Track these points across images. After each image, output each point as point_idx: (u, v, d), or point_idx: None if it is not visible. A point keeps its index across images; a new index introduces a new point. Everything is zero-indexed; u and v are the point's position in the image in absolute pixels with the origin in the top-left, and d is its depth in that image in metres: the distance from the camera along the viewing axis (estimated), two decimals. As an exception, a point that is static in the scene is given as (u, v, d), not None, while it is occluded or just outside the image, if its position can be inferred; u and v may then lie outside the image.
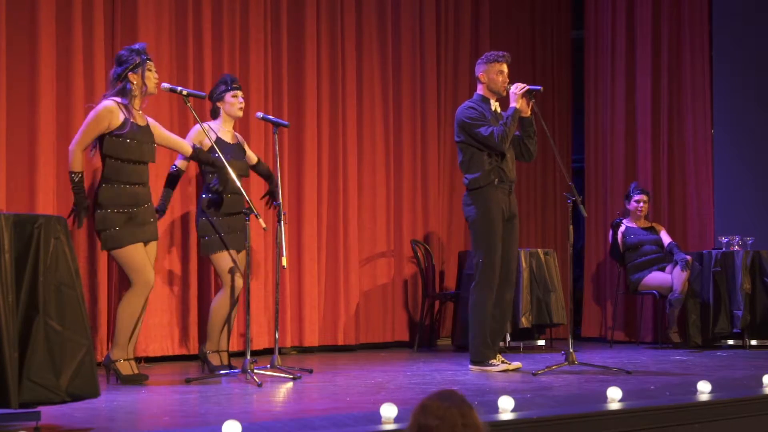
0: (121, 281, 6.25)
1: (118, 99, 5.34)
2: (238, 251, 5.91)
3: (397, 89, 8.20)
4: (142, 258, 5.32)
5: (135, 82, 5.37)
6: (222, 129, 6.00)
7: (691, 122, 8.72)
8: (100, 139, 5.33)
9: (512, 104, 6.02)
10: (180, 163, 5.94)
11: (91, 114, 5.31)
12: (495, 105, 6.16)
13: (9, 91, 5.99)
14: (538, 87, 6.04)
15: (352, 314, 7.76)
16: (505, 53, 6.18)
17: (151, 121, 5.58)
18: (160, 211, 5.81)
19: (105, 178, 5.33)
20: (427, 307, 8.04)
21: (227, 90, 5.98)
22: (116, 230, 5.28)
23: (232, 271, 5.85)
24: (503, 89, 6.12)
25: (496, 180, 6.02)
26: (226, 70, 6.95)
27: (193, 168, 6.52)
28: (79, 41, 6.27)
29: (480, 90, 6.18)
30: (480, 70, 6.16)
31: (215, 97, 6.02)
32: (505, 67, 6.13)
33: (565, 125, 9.58)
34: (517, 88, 6.01)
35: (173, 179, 5.97)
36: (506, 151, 6.06)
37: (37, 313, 3.49)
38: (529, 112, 6.07)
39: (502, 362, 5.99)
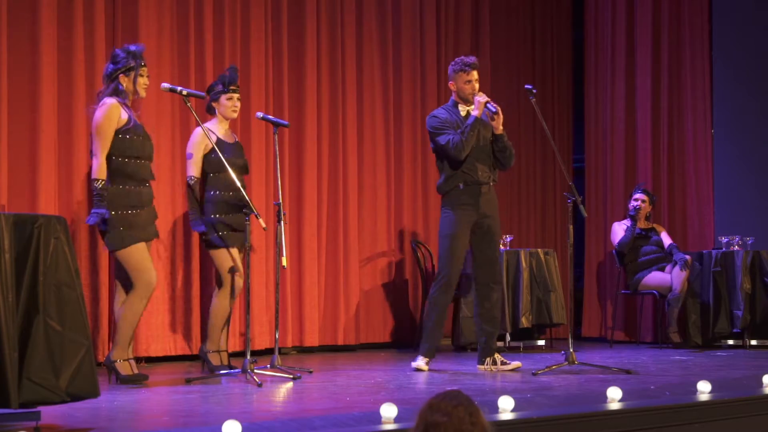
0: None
1: (117, 98, 5.35)
2: (240, 250, 5.91)
3: (397, 89, 8.20)
4: (144, 258, 5.32)
5: (125, 85, 5.37)
6: (220, 128, 6.00)
7: (691, 122, 8.72)
8: None
9: (474, 112, 6.03)
10: (196, 171, 5.90)
11: (99, 116, 5.29)
12: (465, 110, 6.15)
13: (10, 90, 5.99)
14: (495, 109, 5.99)
15: (352, 314, 7.77)
16: (473, 61, 6.17)
17: None
18: (199, 226, 5.82)
19: (111, 178, 5.32)
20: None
21: (223, 92, 5.98)
22: (121, 230, 5.27)
23: (231, 270, 5.85)
24: (472, 97, 6.12)
25: (461, 184, 6.04)
26: (227, 70, 6.95)
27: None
28: (80, 41, 6.27)
29: (453, 95, 6.22)
30: (450, 79, 6.20)
31: (212, 96, 6.02)
32: (472, 75, 6.12)
33: (565, 125, 9.58)
34: (481, 96, 6.04)
35: (195, 190, 5.91)
36: (476, 154, 6.05)
37: (37, 313, 3.49)
38: (501, 129, 6.06)
39: (502, 362, 6.00)
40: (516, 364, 6.02)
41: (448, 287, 6.03)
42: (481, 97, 6.03)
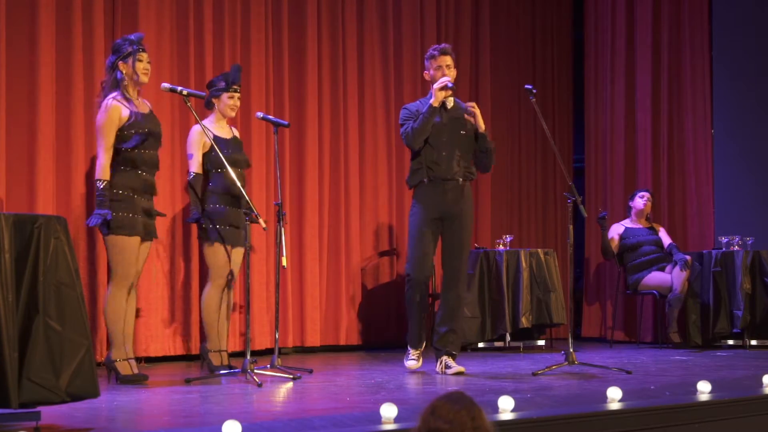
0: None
1: (115, 94, 5.36)
2: (233, 247, 5.91)
3: (398, 89, 8.20)
4: (133, 253, 5.34)
5: (124, 71, 5.38)
6: (216, 125, 6.01)
7: (691, 122, 8.72)
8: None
9: (431, 99, 5.87)
10: (197, 167, 5.91)
11: (100, 118, 5.34)
12: (449, 101, 5.98)
13: (8, 90, 5.99)
14: (452, 84, 5.85)
15: (353, 314, 7.76)
16: (442, 47, 5.99)
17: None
18: (195, 220, 5.86)
19: (120, 164, 5.34)
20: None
21: (226, 90, 5.99)
22: (127, 216, 5.28)
23: (222, 268, 5.85)
24: None
25: (426, 179, 5.90)
26: (228, 70, 6.95)
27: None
28: (78, 41, 6.27)
29: (431, 88, 5.99)
30: (425, 69, 6.06)
31: (212, 92, 6.02)
32: (443, 60, 5.92)
33: (565, 125, 9.58)
34: (440, 82, 5.85)
35: (195, 185, 5.91)
36: (445, 147, 5.89)
37: (37, 312, 3.49)
38: (483, 127, 5.94)
39: (447, 366, 5.81)
40: (459, 369, 5.79)
41: (415, 286, 5.90)
42: (440, 83, 5.84)
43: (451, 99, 6.00)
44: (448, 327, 5.91)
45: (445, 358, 5.87)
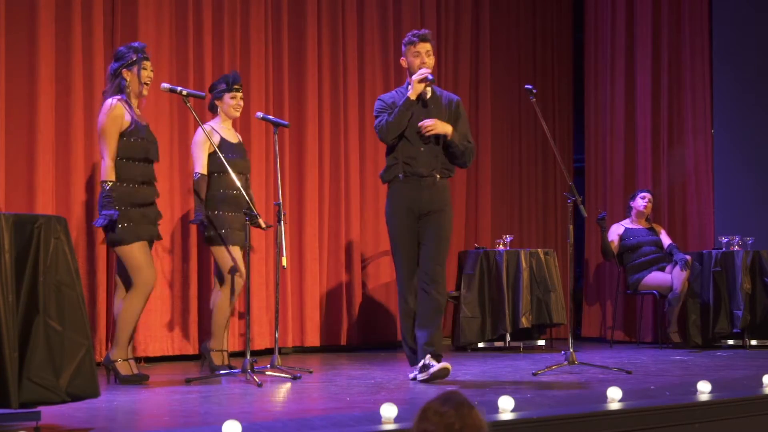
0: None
1: (119, 97, 5.35)
2: (240, 248, 5.91)
3: (397, 89, 8.21)
4: (146, 257, 5.33)
5: (128, 80, 5.37)
6: (223, 127, 6.00)
7: (691, 122, 8.72)
8: None
9: (409, 91, 5.54)
10: (201, 168, 5.88)
11: (102, 120, 5.30)
12: (427, 92, 5.62)
13: (8, 90, 5.99)
14: (431, 77, 5.52)
15: (354, 314, 7.76)
16: (422, 32, 5.62)
17: None
18: (199, 221, 5.82)
19: (116, 177, 5.31)
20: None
21: (227, 91, 5.98)
22: (124, 227, 5.27)
23: (231, 270, 5.84)
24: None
25: (401, 175, 5.57)
26: (227, 71, 6.95)
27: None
28: (78, 41, 6.27)
29: (407, 76, 5.69)
30: (402, 56, 5.68)
31: (215, 95, 6.02)
32: (423, 47, 5.56)
33: (565, 125, 9.58)
34: (419, 74, 5.50)
35: (199, 186, 5.88)
36: (421, 142, 5.56)
37: (37, 313, 3.49)
38: (449, 134, 5.52)
39: (424, 366, 5.39)
40: (443, 365, 5.33)
41: (409, 297, 5.51)
42: (419, 75, 5.47)
43: (429, 90, 5.65)
44: (429, 331, 5.45)
45: (428, 358, 5.40)
